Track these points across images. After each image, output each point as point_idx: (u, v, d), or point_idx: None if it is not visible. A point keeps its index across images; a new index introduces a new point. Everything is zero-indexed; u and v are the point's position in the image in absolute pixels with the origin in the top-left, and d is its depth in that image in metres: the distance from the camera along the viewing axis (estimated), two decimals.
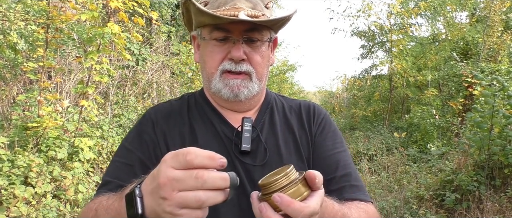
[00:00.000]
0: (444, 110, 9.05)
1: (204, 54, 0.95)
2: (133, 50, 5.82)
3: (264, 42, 0.93)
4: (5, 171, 2.96)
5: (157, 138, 0.93)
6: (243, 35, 0.89)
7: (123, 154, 0.93)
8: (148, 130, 0.95)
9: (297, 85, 21.90)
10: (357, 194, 0.91)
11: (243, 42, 0.90)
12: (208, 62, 0.93)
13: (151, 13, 4.75)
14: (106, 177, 0.91)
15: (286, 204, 0.55)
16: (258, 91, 0.95)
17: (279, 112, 1.03)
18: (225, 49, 0.90)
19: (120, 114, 5.52)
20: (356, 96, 14.13)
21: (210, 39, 0.91)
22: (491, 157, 4.13)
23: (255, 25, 0.89)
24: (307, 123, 1.02)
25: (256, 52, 0.92)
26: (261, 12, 0.91)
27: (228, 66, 0.90)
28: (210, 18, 0.86)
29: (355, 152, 7.39)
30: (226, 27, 0.89)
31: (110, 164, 0.94)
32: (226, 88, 0.91)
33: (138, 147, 0.92)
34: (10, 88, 4.28)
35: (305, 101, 1.09)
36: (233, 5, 0.88)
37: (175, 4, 8.67)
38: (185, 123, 0.97)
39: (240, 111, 0.99)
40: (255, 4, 0.91)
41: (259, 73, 0.94)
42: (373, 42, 11.82)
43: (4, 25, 3.94)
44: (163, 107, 1.01)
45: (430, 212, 3.97)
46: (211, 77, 0.93)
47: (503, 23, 9.25)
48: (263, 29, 0.92)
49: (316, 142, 0.99)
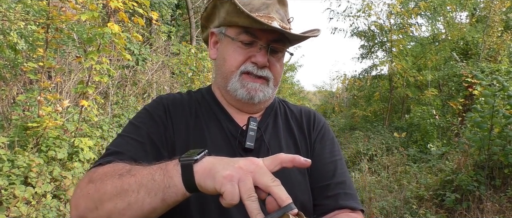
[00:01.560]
0: (444, 110, 9.05)
1: (225, 53, 0.97)
2: (133, 50, 5.82)
3: (284, 53, 0.99)
4: (5, 171, 2.96)
5: (168, 122, 0.95)
6: (270, 43, 0.93)
7: (132, 130, 0.92)
8: (160, 113, 0.96)
9: (297, 85, 21.93)
10: (350, 201, 0.94)
11: (269, 50, 0.93)
12: (229, 61, 0.95)
13: (151, 13, 4.75)
14: (115, 148, 0.87)
15: None
16: (270, 96, 0.99)
17: (282, 116, 1.07)
18: (249, 52, 0.94)
19: (120, 114, 5.52)
20: (356, 96, 14.13)
21: (237, 41, 0.94)
22: (491, 157, 4.13)
23: (282, 36, 0.93)
24: (307, 129, 1.05)
25: (277, 61, 0.97)
26: (288, 26, 0.97)
27: (250, 68, 0.94)
28: (246, 21, 0.89)
29: (355, 152, 7.39)
30: (255, 33, 0.92)
31: (118, 138, 0.91)
32: (243, 89, 0.94)
33: (149, 126, 0.92)
34: (10, 88, 4.28)
35: (306, 108, 1.13)
36: (266, 14, 0.93)
37: (175, 4, 8.67)
38: (191, 115, 0.99)
39: (249, 112, 1.01)
40: (283, 17, 0.97)
41: (276, 80, 0.98)
42: (373, 42, 11.83)
43: (4, 25, 3.94)
44: (173, 96, 1.03)
45: (430, 212, 3.97)
46: (230, 75, 0.95)
47: (503, 23, 9.25)
48: (286, 42, 0.97)
49: (316, 148, 1.02)
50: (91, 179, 0.75)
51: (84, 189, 0.74)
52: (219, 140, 0.95)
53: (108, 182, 0.70)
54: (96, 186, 0.72)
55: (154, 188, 0.66)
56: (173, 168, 0.66)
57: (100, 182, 0.72)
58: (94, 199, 0.70)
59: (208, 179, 0.62)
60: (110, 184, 0.70)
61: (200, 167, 0.64)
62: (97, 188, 0.71)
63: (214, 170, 0.62)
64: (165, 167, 0.67)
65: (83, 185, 0.76)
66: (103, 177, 0.73)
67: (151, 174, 0.67)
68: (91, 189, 0.72)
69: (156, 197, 0.65)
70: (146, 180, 0.67)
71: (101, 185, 0.71)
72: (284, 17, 0.98)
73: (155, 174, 0.67)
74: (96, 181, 0.73)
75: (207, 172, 0.63)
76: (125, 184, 0.68)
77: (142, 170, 0.69)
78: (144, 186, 0.66)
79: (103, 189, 0.70)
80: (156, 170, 0.67)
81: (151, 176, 0.67)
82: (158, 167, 0.68)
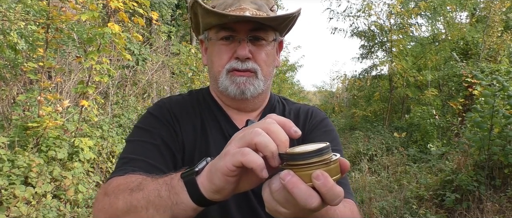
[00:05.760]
0: (444, 110, 9.05)
1: (211, 55, 0.97)
2: (133, 50, 5.81)
3: (269, 42, 0.96)
4: (5, 171, 2.96)
5: (175, 125, 0.94)
6: (248, 34, 0.92)
7: (142, 134, 0.91)
8: (166, 115, 0.96)
9: (297, 85, 21.92)
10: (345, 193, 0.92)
11: (248, 41, 0.92)
12: (215, 62, 0.96)
13: (151, 13, 4.75)
14: (128, 155, 0.86)
15: (328, 185, 0.49)
16: (263, 89, 0.97)
17: (279, 114, 1.04)
18: (231, 49, 0.93)
19: (120, 114, 5.52)
20: (356, 96, 14.12)
21: (217, 40, 0.94)
22: (491, 157, 4.13)
23: (260, 25, 0.92)
24: (303, 125, 1.03)
25: (261, 50, 0.95)
26: (266, 14, 0.95)
27: (234, 64, 0.93)
28: (216, 18, 0.89)
29: (355, 152, 7.39)
30: (232, 27, 0.92)
31: (130, 144, 0.90)
32: (232, 86, 0.94)
33: (160, 129, 0.92)
34: (10, 88, 4.28)
35: (306, 106, 1.11)
36: (238, 6, 0.92)
37: (175, 4, 8.67)
38: (197, 117, 0.99)
39: (246, 110, 1.01)
40: (260, 6, 0.95)
41: (264, 71, 0.96)
42: (373, 42, 11.82)
43: (4, 25, 3.94)
44: (175, 99, 1.03)
45: (430, 212, 3.97)
46: (218, 75, 0.96)
47: (503, 23, 9.24)
48: (268, 29, 0.95)
49: (307, 138, 0.99)
50: (106, 192, 0.73)
51: (101, 202, 0.73)
52: (220, 142, 0.95)
53: (120, 197, 0.68)
54: (111, 200, 0.70)
55: (162, 205, 0.62)
56: (178, 184, 0.61)
57: (114, 197, 0.70)
58: (111, 214, 0.69)
59: (213, 180, 0.56)
60: (122, 200, 0.67)
61: (202, 178, 0.58)
62: (111, 203, 0.70)
63: (213, 168, 0.56)
64: (170, 182, 0.63)
65: (100, 198, 0.74)
66: (117, 191, 0.71)
67: (158, 189, 0.63)
68: (106, 203, 0.71)
69: (165, 215, 0.61)
70: (153, 196, 0.63)
71: (115, 200, 0.69)
72: (264, 5, 0.96)
73: (161, 190, 0.63)
74: (110, 194, 0.71)
75: (208, 176, 0.57)
76: (134, 200, 0.65)
77: (150, 184, 0.66)
78: (152, 203, 0.63)
79: (116, 204, 0.68)
80: (162, 185, 0.64)
81: (158, 192, 0.63)
82: (163, 182, 0.64)
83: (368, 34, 11.61)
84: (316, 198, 0.49)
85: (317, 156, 0.50)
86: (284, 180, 0.49)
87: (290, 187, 0.49)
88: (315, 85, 31.33)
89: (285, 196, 0.51)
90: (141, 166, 0.80)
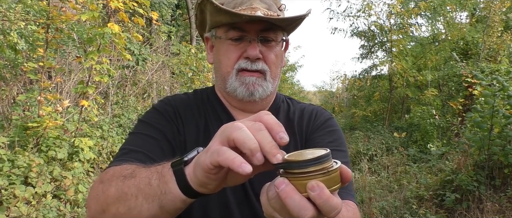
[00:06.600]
0: (444, 109, 9.05)
1: (219, 54, 0.95)
2: (133, 50, 5.82)
3: (278, 42, 0.95)
4: (5, 171, 2.96)
5: (178, 123, 0.94)
6: (259, 34, 0.91)
7: (145, 127, 0.91)
8: (170, 113, 0.95)
9: (297, 85, 21.92)
10: (346, 194, 0.92)
11: (258, 41, 0.91)
12: (223, 62, 0.94)
13: (151, 13, 4.75)
14: (129, 146, 0.85)
15: (323, 197, 0.46)
16: (271, 90, 0.96)
17: (284, 115, 1.04)
18: (241, 48, 0.92)
19: (120, 114, 5.52)
20: (356, 96, 14.13)
21: (226, 39, 0.92)
22: (491, 157, 4.13)
23: (270, 25, 0.91)
24: (306, 126, 1.02)
25: (271, 51, 0.94)
26: (276, 14, 0.93)
27: (243, 64, 0.91)
28: (228, 17, 0.87)
29: (355, 152, 7.39)
30: (242, 27, 0.90)
31: (131, 136, 0.90)
32: (242, 87, 0.92)
33: (163, 125, 0.91)
34: (10, 88, 4.28)
35: (311, 105, 1.10)
36: (249, 5, 0.90)
37: (175, 4, 8.67)
38: (200, 117, 0.98)
39: (252, 112, 0.99)
40: (270, 5, 0.93)
41: (273, 72, 0.95)
42: (373, 42, 11.82)
43: (4, 25, 3.94)
44: (180, 97, 1.02)
45: (430, 212, 3.97)
46: (227, 76, 0.94)
47: (503, 23, 9.24)
48: (277, 30, 0.94)
49: (310, 138, 0.99)
50: (101, 180, 0.73)
51: (95, 190, 0.72)
52: None
53: (113, 184, 0.67)
54: (104, 188, 0.69)
55: (151, 193, 0.60)
56: (167, 172, 0.59)
57: (108, 184, 0.69)
58: (101, 202, 0.68)
59: (196, 174, 0.54)
60: (115, 186, 0.66)
61: (190, 169, 0.56)
62: (103, 190, 0.69)
63: (196, 162, 0.55)
64: (161, 170, 0.61)
65: (95, 186, 0.74)
66: (111, 179, 0.70)
67: (148, 177, 0.62)
68: (99, 191, 0.70)
69: (154, 204, 0.60)
70: (143, 183, 0.61)
71: (108, 187, 0.68)
72: (273, 5, 0.95)
73: (151, 178, 0.61)
74: (105, 182, 0.70)
75: (194, 168, 0.55)
76: (126, 187, 0.64)
77: (143, 172, 0.65)
78: (142, 191, 0.61)
79: (108, 191, 0.67)
80: (153, 173, 0.62)
81: (148, 180, 0.61)
82: (155, 170, 0.62)
83: (368, 34, 11.61)
84: (310, 210, 0.47)
85: (315, 164, 0.48)
86: (278, 189, 0.48)
87: (283, 197, 0.47)
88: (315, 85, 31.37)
89: (281, 204, 0.49)
90: (140, 158, 0.79)
